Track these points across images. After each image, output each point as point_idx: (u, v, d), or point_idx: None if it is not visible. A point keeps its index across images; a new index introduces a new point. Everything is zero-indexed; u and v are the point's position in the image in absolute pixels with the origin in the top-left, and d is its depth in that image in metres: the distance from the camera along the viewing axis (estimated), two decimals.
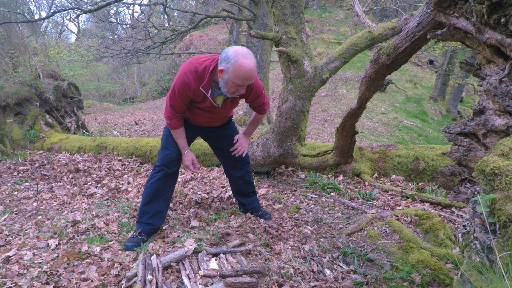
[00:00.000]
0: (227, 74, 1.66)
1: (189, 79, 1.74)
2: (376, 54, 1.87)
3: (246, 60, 1.61)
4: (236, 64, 1.61)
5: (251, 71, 1.64)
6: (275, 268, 1.71)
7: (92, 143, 4.88)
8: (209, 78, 1.75)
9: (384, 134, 8.88)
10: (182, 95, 1.80)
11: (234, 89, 1.72)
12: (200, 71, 1.74)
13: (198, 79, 1.75)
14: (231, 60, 1.62)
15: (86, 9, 6.12)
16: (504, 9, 1.10)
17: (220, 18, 11.11)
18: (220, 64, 1.68)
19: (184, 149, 2.07)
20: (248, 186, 2.39)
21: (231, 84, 1.69)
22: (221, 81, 1.72)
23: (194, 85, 1.75)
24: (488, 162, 1.01)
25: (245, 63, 1.61)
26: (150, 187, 2.05)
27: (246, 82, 1.69)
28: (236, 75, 1.64)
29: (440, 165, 3.28)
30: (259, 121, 2.25)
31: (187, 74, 1.74)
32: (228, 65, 1.63)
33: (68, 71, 14.40)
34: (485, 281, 0.92)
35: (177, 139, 2.03)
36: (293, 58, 2.83)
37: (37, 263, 1.71)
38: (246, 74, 1.63)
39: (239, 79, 1.65)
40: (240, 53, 1.62)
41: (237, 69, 1.62)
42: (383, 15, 21.95)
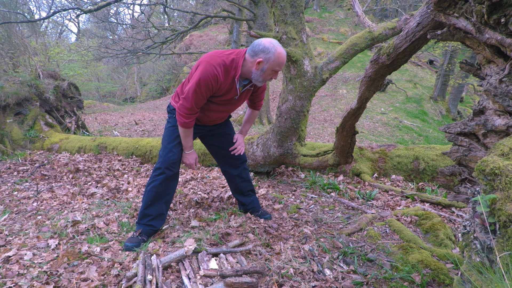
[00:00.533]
0: (268, 63, 1.77)
1: (217, 72, 1.78)
2: (376, 54, 1.87)
3: (281, 48, 1.79)
4: (277, 53, 1.76)
5: (285, 55, 1.83)
6: (275, 268, 1.71)
7: (92, 143, 4.88)
8: (239, 68, 1.83)
9: (384, 134, 8.88)
10: (208, 88, 1.80)
11: (270, 76, 1.84)
12: (228, 63, 1.81)
13: (226, 72, 1.81)
14: (271, 50, 1.75)
15: (86, 9, 6.12)
16: (504, 9, 1.10)
17: (220, 18, 11.10)
18: (256, 56, 1.78)
19: (190, 148, 2.07)
20: (246, 184, 2.39)
21: (269, 72, 1.81)
22: (258, 72, 1.81)
23: (222, 78, 1.80)
24: (488, 162, 1.01)
25: (282, 51, 1.79)
26: (151, 190, 2.03)
27: (282, 68, 1.85)
28: (278, 62, 1.78)
29: (440, 165, 3.28)
30: (255, 118, 2.33)
31: (216, 67, 1.77)
32: (269, 55, 1.76)
33: (68, 71, 14.41)
34: (485, 281, 0.92)
35: (187, 137, 2.01)
36: (293, 58, 2.83)
37: (37, 263, 1.71)
38: (284, 59, 1.81)
39: (280, 65, 1.80)
40: (275, 43, 1.78)
41: (278, 56, 1.77)
42: (383, 15, 21.95)
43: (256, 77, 1.85)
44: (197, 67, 1.82)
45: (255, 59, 1.78)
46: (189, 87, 1.80)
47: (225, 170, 2.37)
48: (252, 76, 1.85)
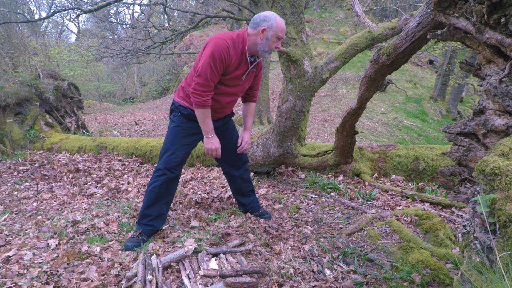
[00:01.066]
0: (271, 30, 1.84)
1: (228, 44, 1.82)
2: (376, 54, 1.87)
3: (279, 18, 1.88)
4: (278, 19, 1.85)
5: (284, 24, 1.91)
6: (275, 268, 1.71)
7: (92, 143, 4.88)
8: (246, 42, 1.89)
9: (384, 134, 8.88)
10: (221, 61, 1.81)
11: (275, 44, 1.89)
12: (235, 38, 1.87)
13: (234, 45, 1.86)
14: (272, 18, 1.84)
15: (86, 9, 6.12)
16: (504, 9, 1.10)
17: (220, 18, 11.10)
18: (259, 26, 1.85)
19: (212, 131, 2.00)
20: (247, 184, 2.40)
21: (274, 39, 1.87)
22: (263, 41, 1.86)
23: (232, 51, 1.85)
24: (488, 162, 1.01)
25: (280, 19, 1.87)
26: (152, 191, 2.02)
27: (283, 34, 1.89)
28: (280, 28, 1.85)
29: (440, 165, 3.28)
30: (253, 111, 2.31)
31: (226, 40, 1.82)
32: (271, 22, 1.83)
33: (68, 71, 14.40)
34: (485, 281, 0.92)
35: (206, 119, 1.95)
36: (293, 58, 2.83)
37: (37, 263, 1.71)
38: (284, 26, 1.89)
39: (282, 31, 1.86)
40: (272, 12, 1.88)
41: (280, 23, 1.85)
42: (383, 15, 21.95)
43: (262, 48, 1.89)
44: (206, 46, 1.85)
45: (259, 29, 1.84)
46: (203, 63, 1.80)
47: (227, 171, 2.36)
48: (258, 48, 1.89)
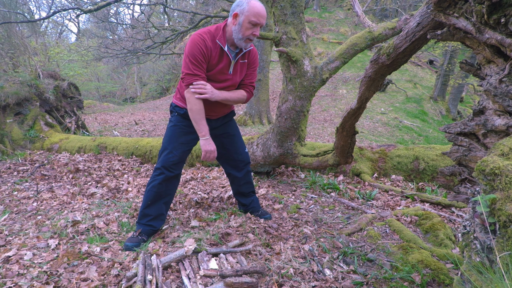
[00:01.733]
0: (243, 15, 1.74)
1: (204, 37, 1.79)
2: (376, 54, 1.87)
3: (256, 2, 1.75)
4: (250, 3, 1.73)
5: (264, 9, 1.77)
6: (275, 268, 1.71)
7: (92, 143, 4.87)
8: (223, 32, 1.84)
9: (384, 134, 8.88)
10: (201, 54, 1.78)
11: (250, 31, 1.77)
12: (213, 30, 1.84)
13: (212, 37, 1.82)
14: (244, 2, 1.74)
15: (86, 9, 6.12)
16: (504, 9, 1.10)
17: (220, 18, 11.10)
18: (233, 11, 1.78)
19: (207, 133, 1.94)
20: (248, 185, 2.40)
21: (246, 25, 1.75)
22: (236, 28, 1.78)
23: (210, 43, 1.81)
24: (488, 162, 1.01)
25: (257, 2, 1.75)
26: (151, 190, 2.02)
27: (260, 20, 1.76)
28: (252, 13, 1.73)
29: (440, 165, 3.28)
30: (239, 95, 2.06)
31: (201, 34, 1.80)
32: (243, 7, 1.74)
33: (68, 71, 14.40)
34: (485, 281, 0.92)
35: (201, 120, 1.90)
36: (293, 58, 2.83)
37: (37, 263, 1.71)
38: (260, 10, 1.75)
39: (255, 16, 1.74)
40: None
41: (252, 6, 1.73)
42: (383, 15, 21.95)
43: (236, 35, 1.80)
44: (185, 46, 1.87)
45: (233, 13, 1.77)
46: (183, 63, 1.84)
47: (229, 172, 2.35)
48: (234, 36, 1.81)
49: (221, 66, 1.89)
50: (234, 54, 1.92)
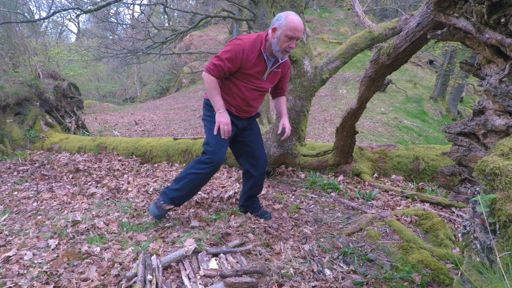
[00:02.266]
0: (280, 29, 1.87)
1: (243, 43, 1.93)
2: (376, 54, 1.87)
3: (294, 15, 1.88)
4: (288, 18, 1.86)
5: (300, 23, 1.88)
6: (275, 268, 1.71)
7: (92, 143, 4.87)
8: (264, 41, 1.97)
9: (384, 134, 8.88)
10: (231, 58, 1.93)
11: (286, 43, 1.90)
12: (253, 38, 1.97)
13: (252, 46, 1.96)
14: (282, 17, 1.88)
15: (86, 9, 6.12)
16: (504, 9, 1.10)
17: (220, 18, 11.10)
18: (272, 25, 1.92)
19: (222, 107, 2.04)
20: (258, 188, 2.40)
21: (283, 38, 1.88)
22: (274, 41, 1.92)
23: (248, 51, 1.94)
24: (488, 162, 1.01)
25: (294, 17, 1.87)
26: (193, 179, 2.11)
27: (297, 34, 1.88)
28: (289, 27, 1.85)
29: (440, 165, 3.28)
30: (285, 102, 2.39)
31: (241, 42, 1.93)
32: (281, 21, 1.87)
33: (68, 71, 14.40)
34: (485, 281, 0.92)
35: (216, 96, 2.01)
36: (293, 58, 2.83)
37: (37, 263, 1.71)
38: (297, 25, 1.86)
39: (291, 30, 1.86)
40: (288, 12, 1.91)
41: (289, 21, 1.86)
42: (383, 15, 21.95)
43: (274, 47, 1.94)
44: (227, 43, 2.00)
45: (272, 27, 1.91)
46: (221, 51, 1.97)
47: (247, 170, 2.34)
48: (272, 48, 1.95)
49: (255, 70, 2.03)
50: (271, 62, 2.06)
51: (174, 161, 4.13)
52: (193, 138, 4.16)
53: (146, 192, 3.04)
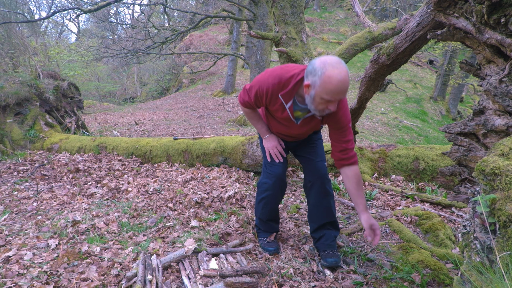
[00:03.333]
0: (314, 89, 1.41)
1: (268, 82, 1.57)
2: (376, 54, 1.87)
3: (336, 70, 1.34)
4: (324, 76, 1.35)
5: (342, 83, 1.36)
6: (275, 268, 1.71)
7: (92, 143, 4.87)
8: (293, 87, 1.54)
9: (384, 134, 8.88)
10: (256, 96, 1.64)
11: (323, 106, 1.45)
12: (285, 79, 1.54)
13: (280, 86, 1.56)
14: (318, 72, 1.37)
15: (86, 9, 6.12)
16: (504, 9, 1.10)
17: (220, 18, 11.12)
18: (306, 78, 1.45)
19: (265, 133, 1.85)
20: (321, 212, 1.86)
21: (319, 100, 1.43)
22: (308, 98, 1.47)
23: (272, 89, 1.57)
24: (488, 162, 1.01)
25: (335, 73, 1.34)
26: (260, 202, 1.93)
27: (337, 97, 1.40)
28: (325, 89, 1.37)
29: (440, 165, 3.28)
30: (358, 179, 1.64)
31: (269, 77, 1.58)
32: (315, 78, 1.38)
33: (68, 71, 14.40)
34: (485, 281, 0.92)
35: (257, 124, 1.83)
36: (293, 58, 2.83)
37: (37, 263, 1.71)
38: (337, 87, 1.36)
39: (328, 93, 1.38)
40: (328, 63, 1.36)
41: (326, 81, 1.35)
42: (383, 15, 21.95)
43: (309, 104, 1.50)
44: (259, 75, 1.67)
45: (305, 82, 1.45)
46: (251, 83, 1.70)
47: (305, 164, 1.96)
48: (306, 102, 1.52)
49: (281, 116, 1.67)
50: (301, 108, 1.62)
51: (174, 161, 4.13)
52: (193, 138, 4.16)
53: (146, 192, 3.04)
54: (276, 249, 1.89)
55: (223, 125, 8.37)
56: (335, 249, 1.82)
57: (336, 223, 1.90)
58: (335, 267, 1.74)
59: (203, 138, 4.08)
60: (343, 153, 1.64)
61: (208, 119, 9.29)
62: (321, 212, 1.85)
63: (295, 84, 1.52)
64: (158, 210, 2.51)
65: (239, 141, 3.64)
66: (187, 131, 7.48)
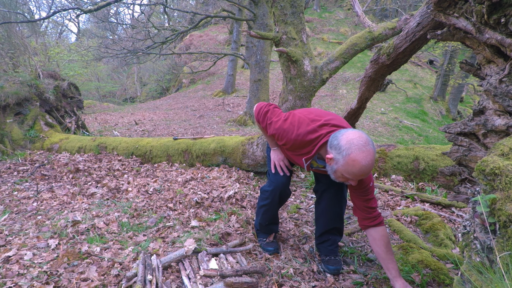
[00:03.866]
0: (337, 165, 1.36)
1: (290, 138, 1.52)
2: (376, 54, 1.87)
3: (362, 154, 1.28)
4: (349, 159, 1.29)
5: (367, 167, 1.29)
6: (275, 268, 1.71)
7: (92, 143, 4.87)
8: (316, 151, 1.49)
9: (384, 134, 8.87)
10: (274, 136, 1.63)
11: (343, 179, 1.42)
12: (307, 139, 1.49)
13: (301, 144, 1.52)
14: (343, 152, 1.31)
15: (86, 9, 6.12)
16: (504, 9, 1.10)
17: (220, 18, 11.11)
18: (330, 149, 1.39)
19: (274, 146, 1.86)
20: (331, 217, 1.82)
21: (339, 174, 1.39)
22: (329, 168, 1.43)
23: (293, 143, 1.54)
24: (488, 162, 1.01)
25: (360, 157, 1.28)
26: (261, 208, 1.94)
27: (360, 178, 1.36)
28: (348, 171, 1.32)
29: (440, 165, 3.28)
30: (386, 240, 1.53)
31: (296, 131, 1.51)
32: (339, 157, 1.33)
33: (68, 71, 14.40)
34: (485, 281, 0.92)
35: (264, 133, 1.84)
36: (293, 58, 2.83)
37: (37, 263, 1.71)
38: (360, 171, 1.30)
39: (350, 174, 1.33)
40: (355, 144, 1.29)
41: (350, 164, 1.30)
42: (383, 15, 21.95)
43: (329, 171, 1.46)
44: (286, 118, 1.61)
45: (329, 154, 1.39)
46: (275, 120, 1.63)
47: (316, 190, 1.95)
48: (327, 169, 1.48)
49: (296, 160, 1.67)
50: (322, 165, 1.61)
51: (174, 161, 4.13)
52: (193, 138, 4.16)
53: (146, 192, 3.04)
54: (276, 249, 1.90)
55: (223, 125, 8.37)
56: (337, 254, 1.81)
57: (342, 229, 1.87)
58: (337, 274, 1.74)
59: (203, 138, 4.07)
60: (366, 212, 1.57)
61: (208, 119, 9.29)
62: (331, 217, 1.81)
63: (319, 148, 1.47)
64: (158, 210, 2.51)
65: (239, 141, 3.64)
66: (187, 131, 7.47)
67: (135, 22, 16.38)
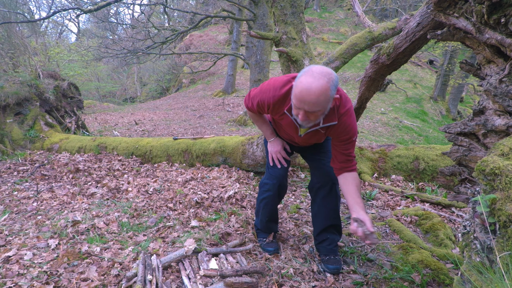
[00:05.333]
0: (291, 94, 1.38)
1: (270, 95, 1.52)
2: (376, 54, 1.87)
3: (310, 78, 1.27)
4: (297, 81, 1.32)
5: (307, 92, 1.27)
6: (275, 268, 1.71)
7: (92, 143, 4.87)
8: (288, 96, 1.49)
9: (384, 134, 8.87)
10: (258, 106, 1.61)
11: (295, 111, 1.40)
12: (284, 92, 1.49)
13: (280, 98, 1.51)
14: (299, 75, 1.33)
15: (86, 9, 6.12)
16: (504, 9, 1.10)
17: (220, 18, 11.12)
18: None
19: (271, 136, 1.84)
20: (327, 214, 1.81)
21: (293, 104, 1.38)
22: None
23: (272, 101, 1.53)
24: (488, 162, 1.01)
25: (305, 80, 1.27)
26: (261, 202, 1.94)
27: (301, 105, 1.32)
28: (294, 94, 1.34)
29: (440, 165, 3.28)
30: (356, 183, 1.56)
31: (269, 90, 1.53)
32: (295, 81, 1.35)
33: (68, 71, 14.40)
34: (485, 281, 0.92)
35: (262, 126, 1.82)
36: (293, 58, 2.83)
37: (37, 263, 1.71)
38: (301, 94, 1.29)
39: (295, 97, 1.33)
40: (311, 70, 1.30)
41: (296, 86, 1.31)
42: (383, 15, 21.95)
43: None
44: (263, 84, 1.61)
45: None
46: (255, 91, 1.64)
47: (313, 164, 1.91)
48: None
49: (286, 121, 1.62)
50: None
51: (174, 161, 4.13)
52: (193, 138, 4.16)
53: (146, 192, 3.04)
54: (275, 249, 1.90)
55: (223, 125, 8.37)
56: (337, 253, 1.80)
57: (340, 227, 1.87)
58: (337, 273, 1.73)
59: (203, 138, 4.07)
60: (344, 163, 1.58)
61: (208, 119, 9.29)
62: (327, 214, 1.81)
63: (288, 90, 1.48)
64: (158, 210, 2.51)
65: (239, 141, 3.64)
66: (187, 131, 7.47)
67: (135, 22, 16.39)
